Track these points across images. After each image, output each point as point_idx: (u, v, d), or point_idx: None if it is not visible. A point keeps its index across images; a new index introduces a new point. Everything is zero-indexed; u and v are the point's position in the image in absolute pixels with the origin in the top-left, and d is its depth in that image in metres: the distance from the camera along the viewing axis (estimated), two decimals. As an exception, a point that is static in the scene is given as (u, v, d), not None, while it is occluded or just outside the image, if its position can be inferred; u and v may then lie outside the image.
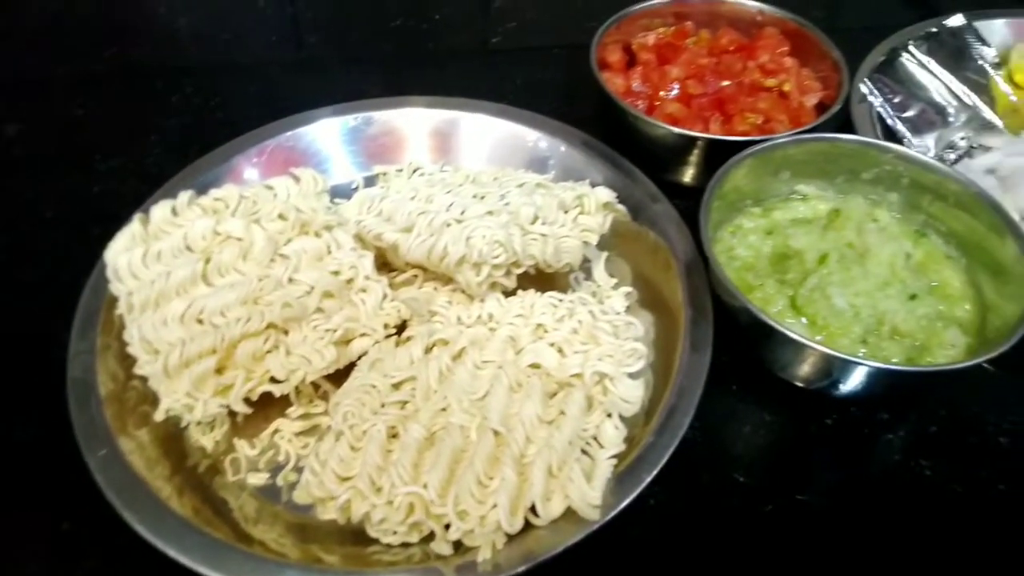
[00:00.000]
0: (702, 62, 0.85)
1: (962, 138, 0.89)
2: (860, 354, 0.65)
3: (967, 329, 0.67)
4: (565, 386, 0.58)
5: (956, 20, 0.97)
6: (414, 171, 0.81)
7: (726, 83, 0.84)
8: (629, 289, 0.73)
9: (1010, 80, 0.96)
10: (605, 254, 0.76)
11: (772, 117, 0.81)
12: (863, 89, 0.88)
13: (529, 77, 1.00)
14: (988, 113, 0.90)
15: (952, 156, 0.88)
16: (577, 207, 0.70)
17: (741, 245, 0.74)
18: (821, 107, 0.84)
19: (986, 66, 0.96)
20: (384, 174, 0.82)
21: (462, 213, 0.65)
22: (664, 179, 0.79)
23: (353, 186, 0.82)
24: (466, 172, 0.77)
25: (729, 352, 0.68)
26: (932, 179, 0.73)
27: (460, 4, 1.14)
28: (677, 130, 0.78)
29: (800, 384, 0.67)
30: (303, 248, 0.65)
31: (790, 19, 0.90)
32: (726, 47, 0.88)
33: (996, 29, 0.99)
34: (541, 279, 0.72)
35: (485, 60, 1.05)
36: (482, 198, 0.70)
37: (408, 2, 1.13)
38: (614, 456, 0.55)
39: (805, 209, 0.77)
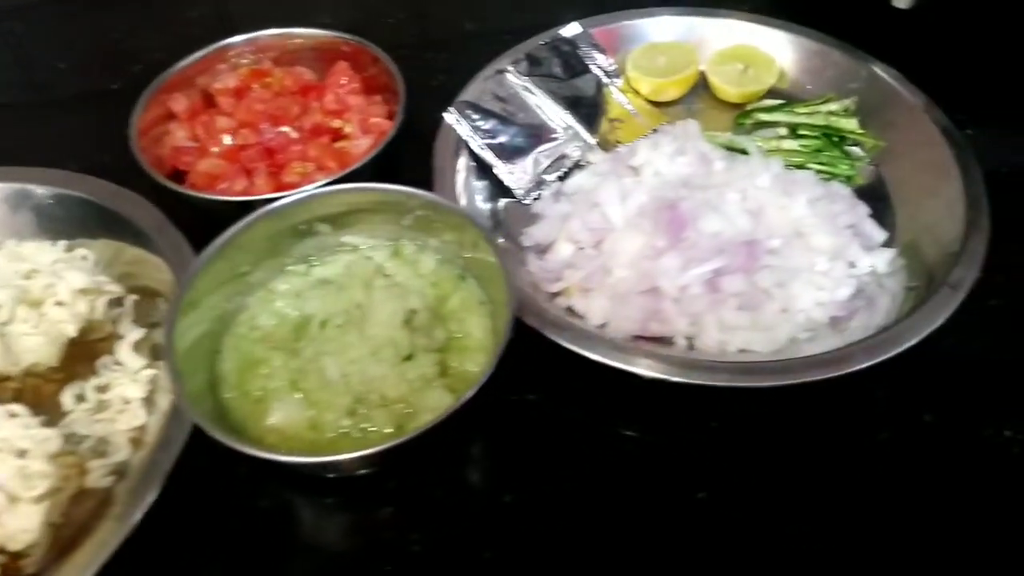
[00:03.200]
0: (258, 108, 0.79)
1: (562, 158, 0.85)
2: (345, 427, 0.61)
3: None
4: (-43, 520, 0.53)
5: (572, 29, 0.94)
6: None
7: (285, 129, 0.79)
8: (154, 372, 0.68)
9: (629, 88, 0.94)
10: (140, 332, 0.71)
11: (323, 164, 0.76)
12: (449, 119, 0.84)
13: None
14: (582, 131, 0.87)
15: (552, 176, 0.84)
16: (52, 297, 0.64)
17: (265, 313, 0.69)
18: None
19: (602, 75, 0.93)
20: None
21: None
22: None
23: None
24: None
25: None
26: (455, 221, 0.69)
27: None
28: (191, 192, 0.72)
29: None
30: None
31: (370, 49, 0.85)
32: (291, 88, 0.82)
33: (612, 35, 0.96)
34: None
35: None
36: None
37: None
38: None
39: (352, 261, 0.73)
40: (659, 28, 0.96)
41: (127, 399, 0.66)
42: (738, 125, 0.91)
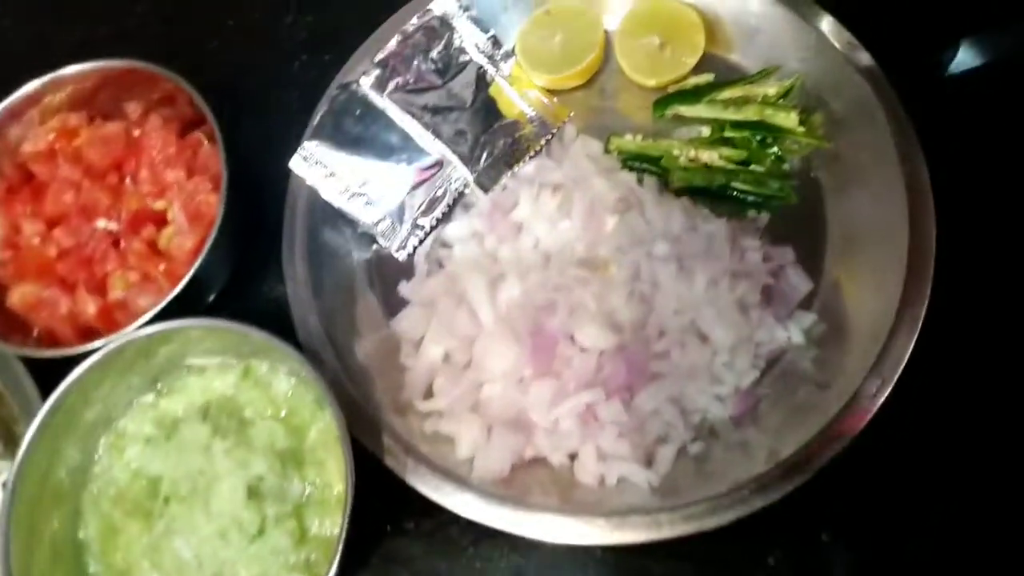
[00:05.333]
0: (67, 200, 0.67)
1: (439, 196, 0.72)
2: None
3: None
4: None
5: (441, 4, 0.74)
6: None
7: (101, 224, 0.67)
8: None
9: (521, 74, 0.75)
10: (6, 468, 0.68)
11: (147, 273, 0.66)
12: (297, 168, 0.70)
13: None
14: (458, 163, 0.71)
15: (429, 220, 0.72)
16: None
17: (117, 465, 0.64)
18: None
19: (485, 63, 0.75)
20: None
21: None
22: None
23: None
24: None
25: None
26: (293, 364, 0.61)
27: None
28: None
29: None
30: None
31: (184, 88, 0.69)
32: (100, 165, 0.68)
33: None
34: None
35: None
36: None
37: None
38: None
39: (200, 387, 0.66)
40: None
41: None
42: (656, 115, 0.74)
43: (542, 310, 0.62)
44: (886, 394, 0.59)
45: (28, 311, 0.66)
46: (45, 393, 0.63)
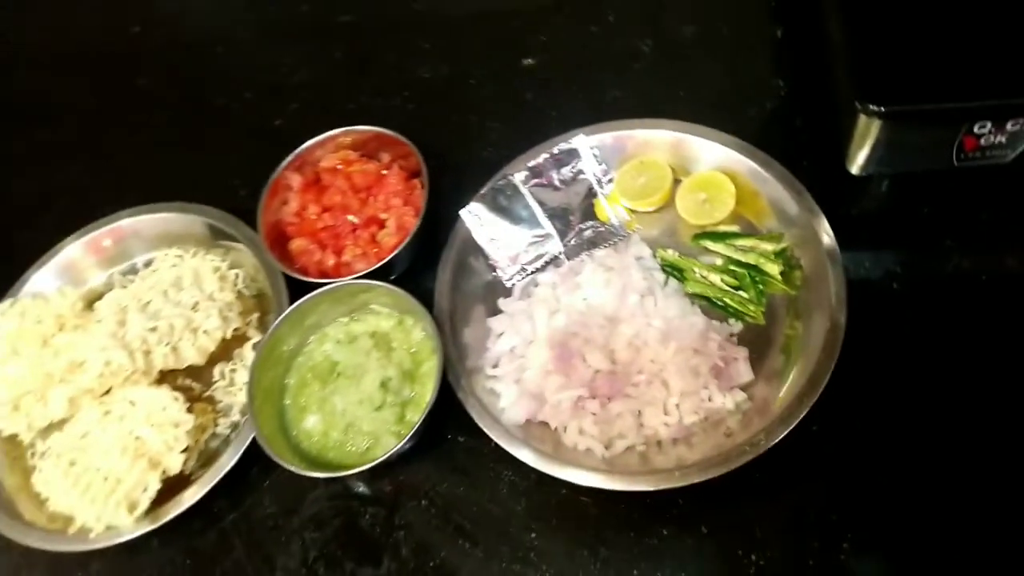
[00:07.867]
0: (336, 200, 1.18)
1: (542, 255, 1.15)
2: (340, 441, 1.05)
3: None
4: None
5: (577, 141, 1.18)
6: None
7: (351, 217, 1.17)
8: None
9: (615, 197, 1.17)
10: (258, 336, 1.18)
11: (366, 251, 1.14)
12: (463, 216, 1.16)
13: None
14: (557, 239, 1.14)
15: (532, 267, 1.15)
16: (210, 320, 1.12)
17: (318, 351, 1.12)
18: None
19: (595, 183, 1.18)
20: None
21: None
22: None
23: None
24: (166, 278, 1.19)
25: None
26: (419, 311, 1.06)
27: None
28: (283, 268, 1.14)
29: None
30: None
31: (414, 151, 1.17)
32: (360, 184, 1.19)
33: (615, 142, 1.18)
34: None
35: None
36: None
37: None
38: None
39: (374, 323, 1.13)
40: (650, 140, 1.17)
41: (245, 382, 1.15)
42: (692, 242, 1.13)
43: (570, 335, 1.03)
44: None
45: (298, 255, 1.17)
46: (292, 298, 1.13)
